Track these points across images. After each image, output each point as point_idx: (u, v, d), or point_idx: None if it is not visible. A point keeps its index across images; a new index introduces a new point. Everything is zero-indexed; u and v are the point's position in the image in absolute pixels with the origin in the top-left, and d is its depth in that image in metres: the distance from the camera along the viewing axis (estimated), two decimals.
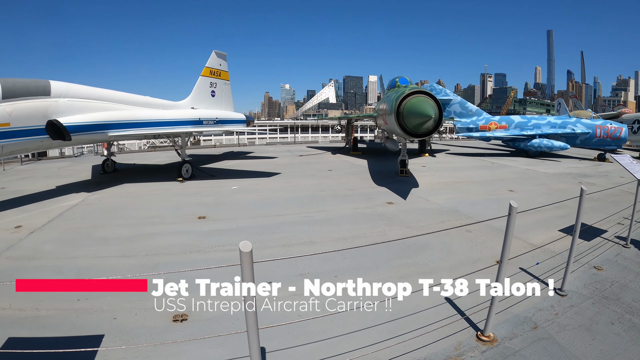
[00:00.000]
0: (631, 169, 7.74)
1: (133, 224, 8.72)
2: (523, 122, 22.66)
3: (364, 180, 14.69)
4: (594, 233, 8.66)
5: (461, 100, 26.47)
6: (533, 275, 6.71)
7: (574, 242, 6.12)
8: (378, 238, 7.93)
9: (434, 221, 9.63)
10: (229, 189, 12.84)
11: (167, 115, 15.18)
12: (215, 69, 19.58)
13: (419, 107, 11.16)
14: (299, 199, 11.42)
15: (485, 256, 7.44)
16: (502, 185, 13.89)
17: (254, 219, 9.09)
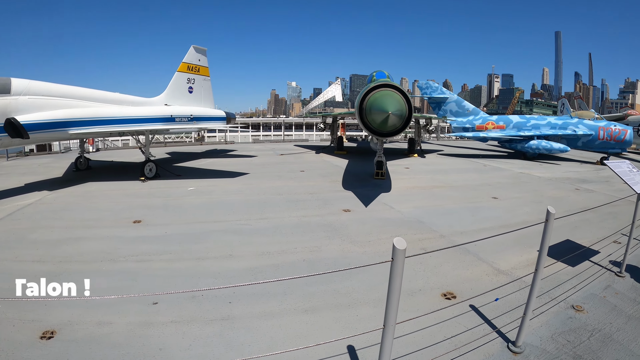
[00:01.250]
0: (629, 179, 5.87)
1: (68, 226, 8.11)
2: (521, 122, 20.58)
3: (332, 183, 13.00)
4: (582, 255, 6.81)
5: (458, 98, 24.45)
6: (485, 318, 4.95)
7: (535, 283, 4.36)
8: (309, 254, 6.68)
9: (387, 235, 7.96)
10: (184, 190, 11.72)
11: (134, 112, 14.21)
12: (194, 65, 18.39)
13: (382, 103, 9.50)
14: (249, 203, 10.21)
15: (430, 286, 5.80)
16: (486, 191, 11.99)
17: (188, 225, 8.20)
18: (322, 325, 4.47)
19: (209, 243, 7.03)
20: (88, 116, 12.20)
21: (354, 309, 4.91)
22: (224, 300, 4.92)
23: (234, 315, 4.58)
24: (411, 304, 5.14)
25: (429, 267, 6.44)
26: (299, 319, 4.57)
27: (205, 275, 5.72)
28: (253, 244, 7.03)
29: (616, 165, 6.09)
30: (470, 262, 6.68)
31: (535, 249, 7.31)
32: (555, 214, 4.22)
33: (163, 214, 9.04)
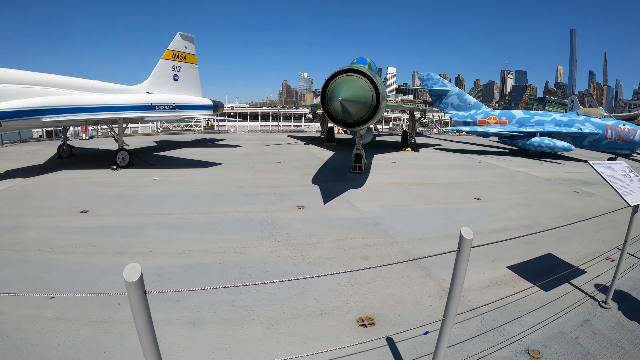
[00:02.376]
0: (621, 185, 4.35)
1: (20, 214, 7.66)
2: (525, 118, 18.72)
3: (303, 177, 11.68)
4: (563, 276, 5.38)
5: (459, 91, 22.67)
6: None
7: (443, 334, 3.05)
8: (230, 256, 5.82)
9: (329, 238, 6.71)
10: (148, 180, 10.86)
11: (111, 100, 13.56)
12: (180, 52, 17.54)
13: (341, 90, 8.09)
14: (203, 195, 9.25)
15: (349, 307, 4.56)
16: (472, 191, 10.46)
17: (130, 217, 7.53)
18: (196, 342, 3.74)
19: (138, 237, 6.44)
20: (62, 104, 11.77)
21: (241, 327, 4.01)
22: (115, 301, 4.36)
23: (116, 318, 4.06)
24: (312, 328, 4.05)
25: (358, 282, 5.16)
26: (176, 331, 3.89)
27: (114, 272, 5.09)
28: (179, 241, 6.29)
29: (606, 168, 4.56)
30: (415, 278, 5.32)
31: (507, 264, 5.89)
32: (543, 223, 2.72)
33: (113, 205, 8.37)
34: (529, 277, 5.37)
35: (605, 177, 4.24)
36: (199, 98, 18.34)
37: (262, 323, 4.07)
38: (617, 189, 4.14)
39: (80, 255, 5.66)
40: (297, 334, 3.91)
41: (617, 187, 4.17)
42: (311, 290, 4.85)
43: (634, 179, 4.72)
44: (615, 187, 4.15)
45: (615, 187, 4.15)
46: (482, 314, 4.40)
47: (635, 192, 4.38)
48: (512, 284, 5.17)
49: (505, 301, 4.61)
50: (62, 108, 11.74)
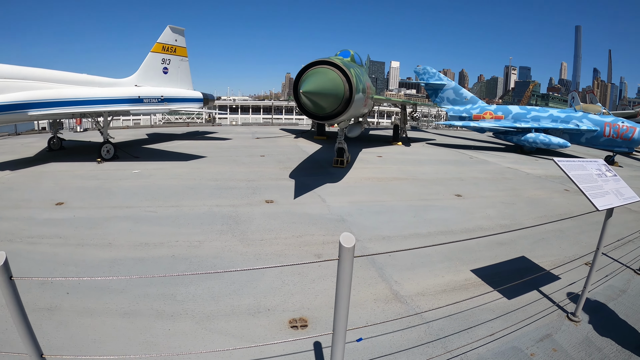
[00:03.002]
0: (592, 186, 3.78)
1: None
2: (521, 114, 17.96)
3: (282, 170, 11.19)
4: (532, 282, 4.87)
5: (455, 85, 21.91)
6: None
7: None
8: (184, 250, 5.61)
9: (287, 234, 6.31)
10: (129, 173, 10.53)
11: (98, 93, 13.33)
12: (169, 45, 17.13)
13: (309, 82, 7.53)
14: (176, 188, 8.95)
15: (285, 306, 4.24)
16: (454, 187, 9.87)
17: (100, 210, 7.34)
18: (126, 333, 3.63)
19: (102, 229, 6.29)
20: (48, 98, 11.61)
21: (172, 322, 3.84)
22: (64, 290, 4.32)
23: (61, 306, 4.00)
24: (241, 327, 3.80)
25: (304, 281, 4.76)
26: (112, 321, 3.81)
27: (71, 263, 5.05)
28: (140, 233, 6.15)
29: (575, 166, 3.96)
30: (365, 279, 4.85)
31: (473, 267, 5.33)
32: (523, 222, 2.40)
33: (87, 197, 8.14)
34: (493, 282, 4.82)
35: (572, 176, 3.67)
36: (188, 91, 17.99)
37: (193, 318, 3.89)
38: (584, 191, 3.55)
39: (44, 246, 5.60)
40: (223, 332, 3.69)
41: (585, 188, 3.60)
42: (252, 287, 4.55)
43: (609, 179, 4.13)
44: (583, 188, 3.57)
45: (582, 188, 3.57)
46: (428, 322, 3.90)
47: (609, 195, 3.80)
48: (473, 289, 4.63)
49: (459, 308, 4.10)
50: (48, 102, 11.59)
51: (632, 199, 4.04)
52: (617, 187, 4.09)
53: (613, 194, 3.86)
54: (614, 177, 4.25)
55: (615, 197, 3.85)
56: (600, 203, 3.54)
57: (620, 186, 4.14)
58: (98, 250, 5.51)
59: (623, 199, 3.94)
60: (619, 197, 3.90)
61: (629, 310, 4.38)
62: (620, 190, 4.07)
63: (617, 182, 4.18)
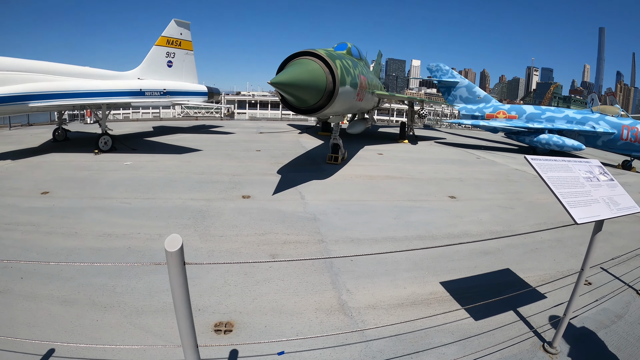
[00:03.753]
0: (571, 194, 3.02)
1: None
2: (535, 114, 16.80)
3: (272, 165, 10.69)
4: (511, 300, 4.17)
5: (469, 83, 20.86)
6: None
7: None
8: (142, 242, 5.40)
9: (254, 231, 5.86)
10: (120, 165, 10.32)
11: (99, 86, 13.28)
12: (174, 39, 16.96)
13: (288, 74, 6.94)
14: (160, 181, 8.67)
15: (217, 308, 3.86)
16: (450, 188, 9.09)
17: (80, 200, 7.19)
18: (58, 320, 3.56)
19: (74, 219, 6.19)
20: (49, 90, 11.66)
21: (103, 313, 3.70)
22: (20, 274, 4.35)
23: (12, 290, 4.04)
24: (165, 325, 3.54)
25: (249, 282, 4.33)
26: (50, 308, 3.75)
27: (35, 250, 5.03)
28: (107, 224, 5.98)
29: (556, 166, 3.22)
30: (313, 285, 4.30)
31: (444, 278, 4.60)
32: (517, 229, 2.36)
33: (73, 187, 8.00)
34: (463, 298, 4.12)
35: (546, 178, 2.94)
36: (193, 84, 17.78)
37: (124, 311, 3.74)
38: (559, 197, 2.82)
39: (17, 233, 5.57)
40: (145, 328, 3.49)
41: (563, 194, 2.86)
42: (192, 284, 4.01)
43: (602, 185, 3.37)
44: (559, 195, 2.83)
45: (558, 193, 2.83)
46: (368, 341, 3.30)
47: (597, 204, 3.04)
48: (436, 305, 3.95)
49: (412, 327, 3.45)
50: (49, 94, 11.61)
51: (630, 210, 3.27)
52: (612, 194, 3.32)
53: (604, 203, 3.11)
54: (609, 182, 3.48)
55: (607, 207, 3.09)
56: (582, 214, 2.80)
57: (615, 193, 3.37)
58: (63, 238, 5.44)
59: (617, 210, 3.17)
60: (611, 207, 3.15)
61: (623, 341, 3.61)
62: (616, 199, 3.30)
63: (613, 189, 3.41)
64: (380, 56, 25.37)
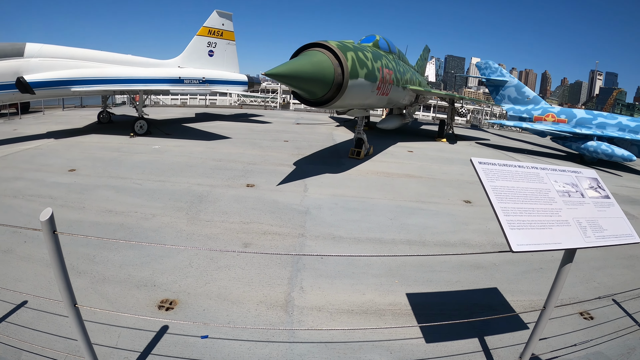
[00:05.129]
0: (527, 210, 2.47)
1: (25, 169, 7.97)
2: (586, 119, 14.87)
3: (292, 156, 10.58)
4: (484, 326, 3.64)
5: (518, 83, 19.03)
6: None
7: None
8: (136, 220, 5.58)
9: (240, 219, 5.80)
10: (149, 148, 10.71)
11: (138, 73, 13.69)
12: (216, 29, 17.19)
13: (286, 65, 6.64)
14: (177, 165, 8.86)
15: (174, 287, 3.91)
16: (469, 191, 8.37)
17: (99, 178, 7.52)
18: (39, 278, 3.94)
19: (87, 195, 6.52)
20: (90, 76, 12.20)
21: (75, 277, 3.88)
22: (24, 239, 4.76)
23: (14, 251, 4.46)
24: (117, 296, 3.70)
25: (211, 267, 4.34)
26: (37, 268, 4.10)
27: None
28: (114, 202, 6.24)
29: (513, 173, 2.68)
30: (272, 277, 4.22)
31: (414, 289, 4.10)
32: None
33: (97, 166, 8.38)
34: (424, 315, 3.65)
35: (490, 188, 2.40)
36: (233, 74, 17.85)
37: (92, 278, 3.97)
38: (499, 213, 2.27)
39: (35, 204, 5.96)
40: (103, 295, 3.69)
41: (505, 210, 2.32)
42: (160, 262, 4.35)
43: (587, 202, 2.73)
44: (501, 210, 2.29)
45: (500, 209, 2.29)
46: (293, 343, 3.17)
47: (562, 227, 2.42)
48: (389, 318, 3.54)
49: (347, 337, 3.17)
50: (90, 79, 12.16)
51: (618, 239, 2.58)
52: (598, 216, 2.66)
53: (577, 227, 2.48)
54: (600, 200, 2.81)
55: (580, 233, 2.46)
56: (526, 239, 2.22)
57: (605, 215, 2.70)
58: (71, 211, 5.77)
59: (598, 237, 2.51)
60: (589, 232, 2.50)
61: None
62: (601, 223, 2.62)
63: (603, 209, 2.74)
64: (427, 51, 24.00)
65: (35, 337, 3.01)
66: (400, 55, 13.70)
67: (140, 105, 13.41)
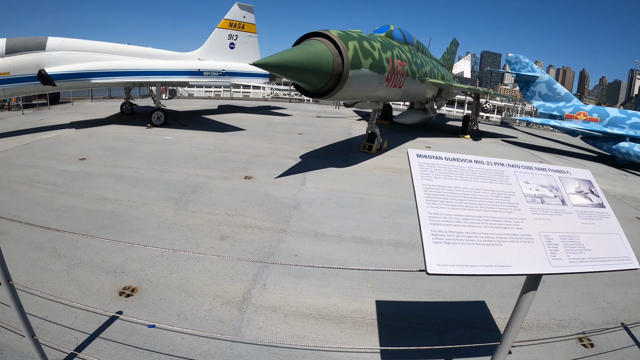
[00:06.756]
0: (447, 219, 1.99)
1: (40, 157, 8.16)
2: (619, 118, 13.43)
3: (301, 149, 10.32)
4: (455, 346, 3.11)
5: (549, 79, 17.62)
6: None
7: None
8: (126, 209, 5.56)
9: (226, 211, 5.66)
10: (161, 138, 10.78)
11: (156, 65, 13.73)
12: (237, 21, 16.98)
13: (279, 55, 6.27)
14: (183, 156, 8.83)
15: (143, 277, 3.88)
16: None
17: (105, 167, 7.60)
18: (25, 260, 4.02)
19: (89, 183, 6.58)
20: (110, 68, 12.36)
21: (54, 259, 4.08)
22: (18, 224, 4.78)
23: (9, 232, 4.55)
24: (82, 281, 3.71)
25: (178, 259, 4.22)
26: (26, 250, 4.22)
27: (42, 205, 5.54)
28: (111, 190, 6.27)
29: (477, 173, 2.20)
30: (237, 273, 4.03)
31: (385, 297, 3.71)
32: None
33: (107, 156, 8.47)
34: (389, 327, 3.28)
35: (419, 187, 1.98)
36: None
37: (69, 262, 4.03)
38: (422, 221, 1.84)
39: (40, 190, 6.11)
40: (73, 278, 3.72)
41: (433, 216, 1.86)
42: (135, 250, 4.30)
43: (569, 211, 2.17)
44: (425, 217, 1.86)
45: (424, 214, 1.86)
46: (237, 342, 3.04)
47: (518, 244, 1.87)
48: (346, 326, 3.23)
49: (295, 343, 2.94)
50: (109, 71, 12.33)
51: (610, 264, 2.01)
52: (580, 230, 2.09)
53: (544, 244, 1.94)
54: (586, 209, 2.25)
55: (546, 253, 1.89)
56: (459, 258, 1.72)
57: (592, 230, 2.11)
58: (69, 198, 5.84)
59: (573, 260, 1.89)
60: (562, 252, 1.92)
61: None
62: (583, 240, 2.01)
63: (590, 221, 2.17)
64: (456, 45, 22.77)
65: (5, 311, 3.05)
66: (420, 46, 12.97)
67: (158, 96, 13.52)
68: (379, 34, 9.64)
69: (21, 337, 2.74)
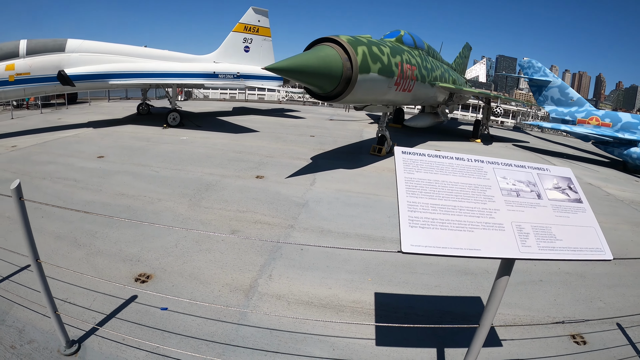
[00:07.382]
0: (425, 207, 2.19)
1: (59, 154, 8.53)
2: (632, 123, 13.20)
3: (312, 151, 10.56)
4: (445, 337, 3.44)
5: (562, 83, 17.43)
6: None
7: None
8: (142, 204, 5.86)
9: (237, 208, 5.89)
10: (176, 139, 11.09)
11: (172, 67, 14.05)
12: (252, 25, 17.31)
13: (290, 60, 6.47)
14: (197, 156, 9.10)
15: (153, 264, 4.10)
16: None
17: (122, 165, 7.91)
18: (48, 246, 4.33)
19: (107, 179, 6.87)
20: (127, 70, 12.65)
21: (73, 247, 4.38)
22: (42, 214, 5.15)
23: (31, 222, 4.74)
24: (101, 267, 4.00)
25: (193, 248, 4.50)
26: (46, 240, 4.47)
27: (63, 198, 5.84)
28: (128, 186, 6.56)
29: (455, 169, 2.40)
30: (245, 264, 4.24)
31: (384, 289, 3.90)
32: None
33: (124, 154, 8.77)
34: (386, 317, 3.48)
35: (401, 179, 2.17)
36: None
37: (89, 251, 4.29)
38: (401, 207, 2.03)
39: (60, 185, 6.43)
40: (89, 263, 4.01)
41: (411, 205, 2.05)
42: (150, 241, 4.60)
43: (544, 205, 2.28)
44: (404, 204, 2.05)
45: (404, 202, 2.06)
46: (242, 325, 3.30)
47: (489, 232, 2.05)
48: (346, 314, 3.47)
49: (296, 328, 3.25)
50: (127, 73, 12.62)
51: (581, 253, 2.13)
52: (553, 222, 2.22)
53: (514, 233, 2.07)
54: (561, 204, 2.36)
55: (516, 240, 2.04)
56: (431, 240, 1.90)
57: (566, 222, 2.22)
58: (89, 193, 6.16)
59: (542, 248, 2.01)
60: (535, 240, 2.07)
61: None
62: (555, 231, 2.14)
63: (564, 215, 2.28)
64: (469, 49, 22.70)
65: (29, 294, 3.35)
66: (431, 51, 13.07)
67: (174, 98, 13.84)
68: (389, 39, 9.83)
69: (42, 317, 3.04)
